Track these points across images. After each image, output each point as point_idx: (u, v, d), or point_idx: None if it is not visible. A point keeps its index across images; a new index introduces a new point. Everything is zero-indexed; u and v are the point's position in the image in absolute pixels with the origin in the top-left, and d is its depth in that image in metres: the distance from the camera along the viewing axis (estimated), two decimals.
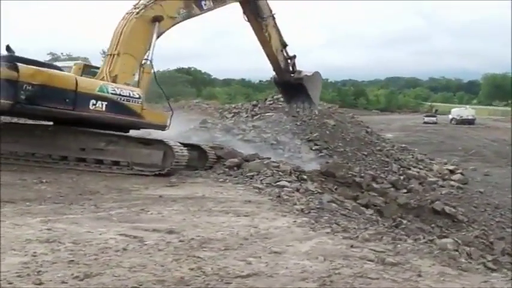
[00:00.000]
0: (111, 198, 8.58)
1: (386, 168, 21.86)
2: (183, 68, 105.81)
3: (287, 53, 17.93)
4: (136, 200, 8.51)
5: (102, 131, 11.50)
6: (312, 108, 21.09)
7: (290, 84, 18.50)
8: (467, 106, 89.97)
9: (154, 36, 12.52)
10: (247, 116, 24.62)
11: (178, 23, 14.07)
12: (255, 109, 25.47)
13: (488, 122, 76.67)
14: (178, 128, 23.19)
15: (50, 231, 6.08)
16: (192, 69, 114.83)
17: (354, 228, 7.94)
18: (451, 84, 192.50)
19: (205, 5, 14.77)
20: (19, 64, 10.66)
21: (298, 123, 23.54)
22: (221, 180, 10.86)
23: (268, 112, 24.68)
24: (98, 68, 13.56)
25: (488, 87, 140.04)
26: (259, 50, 17.39)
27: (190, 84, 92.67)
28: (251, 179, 11.07)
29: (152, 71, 12.86)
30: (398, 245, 6.63)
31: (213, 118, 26.05)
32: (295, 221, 7.56)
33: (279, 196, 9.52)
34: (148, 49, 12.67)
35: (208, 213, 7.78)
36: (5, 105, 10.44)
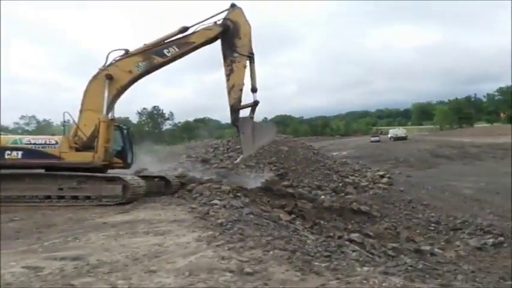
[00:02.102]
0: (61, 229, 7.53)
1: (328, 179, 20.80)
2: (199, 118, 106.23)
3: (254, 97, 12.37)
4: (81, 228, 7.45)
5: (75, 174, 10.50)
6: (240, 156, 15.33)
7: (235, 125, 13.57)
8: (400, 127, 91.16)
9: (106, 91, 11.32)
10: (223, 149, 23.69)
11: (140, 74, 11.94)
12: (229, 143, 24.54)
13: (417, 137, 76.48)
14: (171, 162, 22.40)
15: None
16: (207, 118, 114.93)
17: (256, 236, 6.89)
18: (392, 113, 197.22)
19: (168, 52, 11.99)
20: None
21: (261, 151, 22.64)
22: (167, 203, 9.79)
23: (239, 146, 23.70)
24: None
25: (417, 113, 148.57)
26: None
27: (206, 130, 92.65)
28: (194, 199, 10.08)
29: (107, 119, 11.46)
30: (271, 252, 5.55)
31: (199, 152, 24.96)
32: (199, 236, 6.52)
33: (207, 213, 8.49)
34: (106, 102, 11.37)
35: (131, 235, 6.73)
36: None
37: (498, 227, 11.66)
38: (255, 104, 12.21)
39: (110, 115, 11.67)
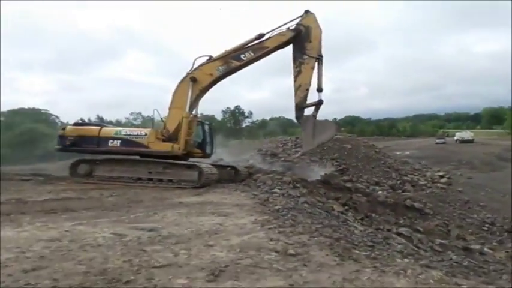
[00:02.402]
0: (146, 205, 8.13)
1: (387, 176, 19.93)
2: (275, 117, 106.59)
3: (319, 97, 11.68)
4: (161, 206, 7.99)
5: (162, 161, 11.21)
6: (301, 150, 14.72)
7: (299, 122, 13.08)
8: (468, 130, 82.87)
9: (190, 92, 11.84)
10: (291, 145, 23.68)
11: (219, 77, 12.21)
12: (297, 140, 24.44)
13: (485, 141, 69.88)
14: (245, 155, 22.89)
15: (67, 232, 5.62)
16: (282, 117, 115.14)
17: (307, 223, 6.86)
18: (461, 116, 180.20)
19: (244, 57, 12.05)
20: (67, 126, 13.25)
21: (325, 148, 22.33)
22: (233, 189, 10.10)
23: None
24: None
25: (487, 117, 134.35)
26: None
27: (280, 126, 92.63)
28: (258, 187, 10.24)
29: (189, 115, 12.04)
30: (315, 238, 5.51)
31: (270, 147, 25.18)
32: (256, 219, 6.65)
33: (266, 200, 8.61)
34: (190, 102, 11.93)
35: (199, 214, 7.07)
36: (56, 149, 12.79)
37: None
38: (319, 103, 11.71)
39: (193, 112, 12.29)
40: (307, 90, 11.71)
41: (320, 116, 11.61)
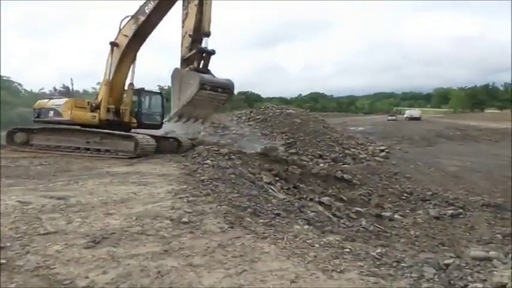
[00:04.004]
0: (71, 174, 7.92)
1: (331, 150, 20.38)
2: (242, 92, 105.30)
3: (205, 45, 9.56)
4: (87, 175, 7.81)
5: (98, 131, 10.87)
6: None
7: None
8: (416, 108, 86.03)
9: (109, 58, 11.35)
10: (245, 118, 23.63)
11: (134, 37, 11.01)
12: (251, 113, 24.39)
13: (431, 119, 72.63)
14: (197, 127, 22.67)
15: None
16: (249, 92, 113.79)
17: (225, 192, 6.90)
18: (415, 96, 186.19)
19: (147, 8, 10.63)
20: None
21: (277, 122, 22.55)
22: (168, 160, 9.97)
23: (259, 116, 23.58)
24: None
25: (437, 97, 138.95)
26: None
27: (246, 102, 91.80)
28: (193, 158, 10.16)
29: (108, 82, 11.51)
30: (218, 207, 5.57)
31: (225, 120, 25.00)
32: (173, 188, 6.63)
33: (195, 171, 8.56)
34: (112, 68, 11.39)
35: (119, 183, 6.97)
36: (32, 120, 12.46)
37: (462, 201, 11.08)
38: (201, 51, 9.50)
39: (128, 81, 11.75)
40: (191, 36, 9.60)
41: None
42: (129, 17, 11.21)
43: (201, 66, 9.71)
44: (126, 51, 11.33)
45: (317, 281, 3.32)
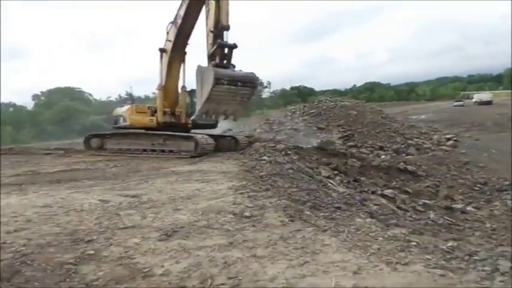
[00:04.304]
0: (141, 174, 8.55)
1: (392, 141, 19.63)
2: (295, 86, 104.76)
3: (226, 38, 9.40)
4: (154, 175, 8.39)
5: (161, 133, 11.56)
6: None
7: None
8: (486, 91, 78.36)
9: (160, 64, 12.01)
10: (299, 113, 23.52)
11: (176, 40, 11.47)
12: (305, 108, 24.21)
13: (504, 102, 66.22)
14: (253, 124, 23.05)
15: (61, 199, 6.07)
16: (301, 86, 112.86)
17: (284, 187, 7.04)
18: (484, 78, 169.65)
19: (181, 11, 10.92)
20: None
21: (331, 115, 22.19)
22: (227, 158, 10.32)
23: (313, 110, 23.34)
24: None
25: (509, 77, 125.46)
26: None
27: (299, 96, 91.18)
28: (250, 155, 10.42)
29: (161, 87, 12.22)
30: (278, 201, 5.70)
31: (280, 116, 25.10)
32: (233, 185, 6.92)
33: (253, 167, 8.80)
34: (161, 72, 12.08)
35: (184, 181, 7.41)
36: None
37: None
38: (221, 46, 9.25)
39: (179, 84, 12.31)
40: (212, 32, 9.40)
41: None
42: (171, 23, 11.79)
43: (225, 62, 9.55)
44: (173, 55, 11.86)
45: (380, 273, 3.31)
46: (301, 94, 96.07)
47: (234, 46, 9.47)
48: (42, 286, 2.91)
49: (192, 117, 11.53)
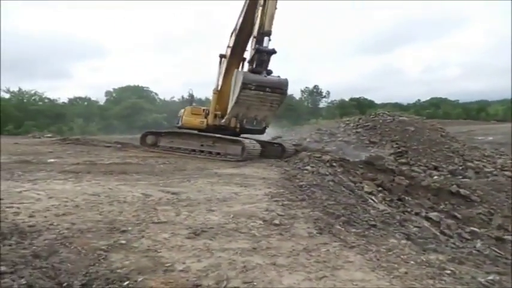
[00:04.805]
0: (186, 173, 8.84)
1: (449, 161, 18.36)
2: (354, 98, 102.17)
3: (266, 44, 9.41)
4: (198, 175, 8.64)
5: (211, 135, 11.92)
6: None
7: None
8: None
9: (218, 68, 12.44)
10: (352, 125, 22.88)
11: (234, 46, 12.01)
12: (360, 120, 23.50)
13: None
14: (304, 133, 22.84)
15: (109, 189, 6.52)
16: (361, 98, 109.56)
17: (322, 199, 6.94)
18: None
19: (240, 18, 11.25)
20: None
21: (387, 130, 21.31)
22: (270, 164, 10.33)
23: (368, 123, 22.60)
24: None
25: None
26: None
27: (357, 108, 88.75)
28: (294, 164, 10.37)
29: (216, 91, 12.74)
30: (311, 212, 5.64)
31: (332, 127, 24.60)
32: (270, 191, 6.94)
33: (294, 176, 8.76)
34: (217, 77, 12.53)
35: (224, 184, 7.57)
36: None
37: None
38: (259, 50, 9.18)
39: None
40: (255, 37, 9.40)
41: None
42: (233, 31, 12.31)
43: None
44: (231, 61, 12.34)
45: None
46: (360, 106, 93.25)
47: (272, 52, 9.39)
48: (73, 267, 3.18)
49: (222, 121, 11.89)
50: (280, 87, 9.66)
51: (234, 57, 12.35)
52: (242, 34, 11.78)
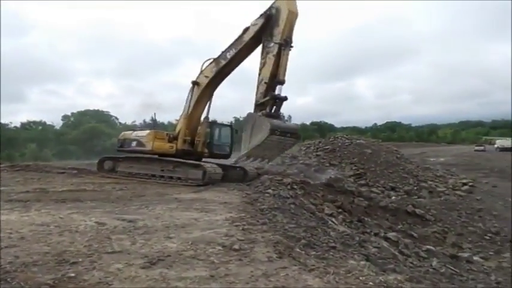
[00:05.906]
0: (144, 199, 8.59)
1: (404, 182, 19.24)
2: (315, 122, 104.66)
3: (279, 92, 9.99)
4: (157, 200, 8.41)
5: (171, 159, 11.72)
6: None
7: None
8: (509, 138, 76.39)
9: (189, 95, 12.32)
10: (313, 148, 23.47)
11: (214, 77, 11.99)
12: (320, 144, 24.17)
13: None
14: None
15: (60, 218, 6.17)
16: (322, 122, 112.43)
17: (283, 222, 6.96)
18: (507, 125, 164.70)
19: (229, 54, 11.43)
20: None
21: (346, 152, 22.04)
22: (232, 188, 10.28)
23: (328, 146, 23.27)
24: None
25: None
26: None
27: (318, 132, 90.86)
28: (256, 187, 10.38)
29: (187, 116, 12.52)
30: (271, 236, 5.61)
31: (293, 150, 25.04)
32: (231, 216, 6.86)
33: (255, 200, 8.75)
34: (188, 104, 12.41)
35: (184, 209, 7.41)
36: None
37: None
38: (273, 97, 9.86)
39: (204, 115, 12.66)
40: (266, 83, 10.03)
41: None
42: (211, 60, 12.21)
43: (273, 111, 10.16)
44: (206, 90, 12.33)
45: None
46: (321, 129, 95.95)
47: (285, 98, 10.15)
48: None
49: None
50: (296, 132, 10.60)
51: (211, 87, 12.38)
52: (227, 69, 12.02)
